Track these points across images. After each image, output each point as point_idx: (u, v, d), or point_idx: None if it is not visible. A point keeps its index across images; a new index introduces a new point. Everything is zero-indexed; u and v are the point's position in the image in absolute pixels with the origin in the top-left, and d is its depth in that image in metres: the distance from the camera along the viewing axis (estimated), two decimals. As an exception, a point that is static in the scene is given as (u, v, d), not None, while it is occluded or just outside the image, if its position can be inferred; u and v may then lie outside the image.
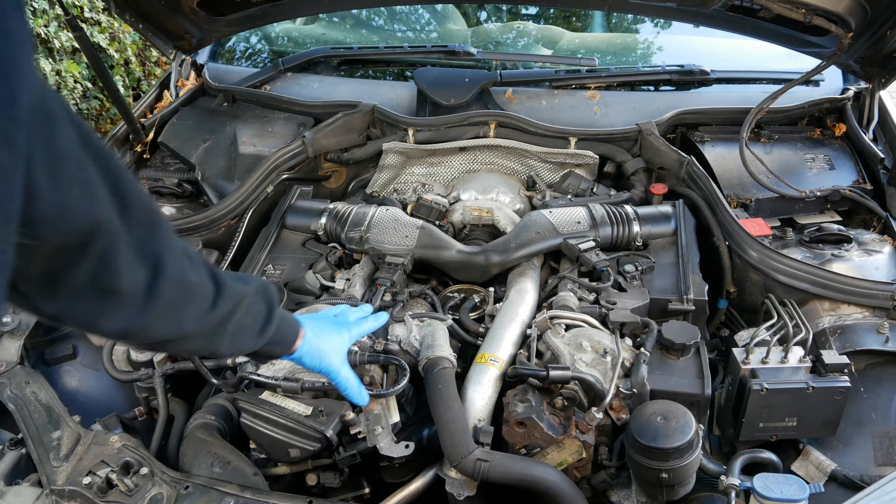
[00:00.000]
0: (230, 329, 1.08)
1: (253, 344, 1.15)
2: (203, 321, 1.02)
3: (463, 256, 1.78)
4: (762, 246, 1.74)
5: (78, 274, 0.82)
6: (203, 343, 1.07)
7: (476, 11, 3.08)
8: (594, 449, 1.38)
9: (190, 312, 0.99)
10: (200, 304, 1.01)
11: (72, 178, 0.75)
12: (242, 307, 1.08)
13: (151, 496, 1.32)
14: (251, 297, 1.11)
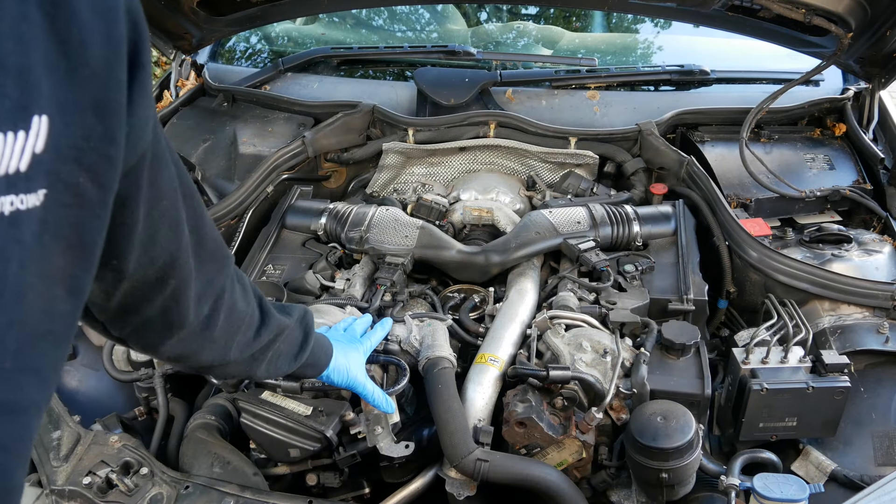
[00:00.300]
0: (268, 356, 1.12)
1: (287, 368, 1.19)
2: (246, 349, 1.07)
3: (463, 256, 1.78)
4: (762, 246, 1.74)
5: (150, 308, 0.86)
6: (242, 368, 1.11)
7: (476, 11, 3.08)
8: (594, 449, 1.38)
9: (236, 341, 1.04)
10: (246, 333, 1.06)
11: (164, 216, 0.78)
12: (283, 336, 1.13)
13: (151, 496, 1.32)
14: (291, 326, 1.15)
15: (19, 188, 0.54)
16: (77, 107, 0.57)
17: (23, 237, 0.55)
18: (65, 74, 0.56)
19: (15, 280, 0.56)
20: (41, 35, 0.54)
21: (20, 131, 0.53)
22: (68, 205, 0.59)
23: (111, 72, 0.60)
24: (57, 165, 0.57)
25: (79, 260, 0.63)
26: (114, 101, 0.60)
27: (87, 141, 0.59)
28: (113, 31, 0.60)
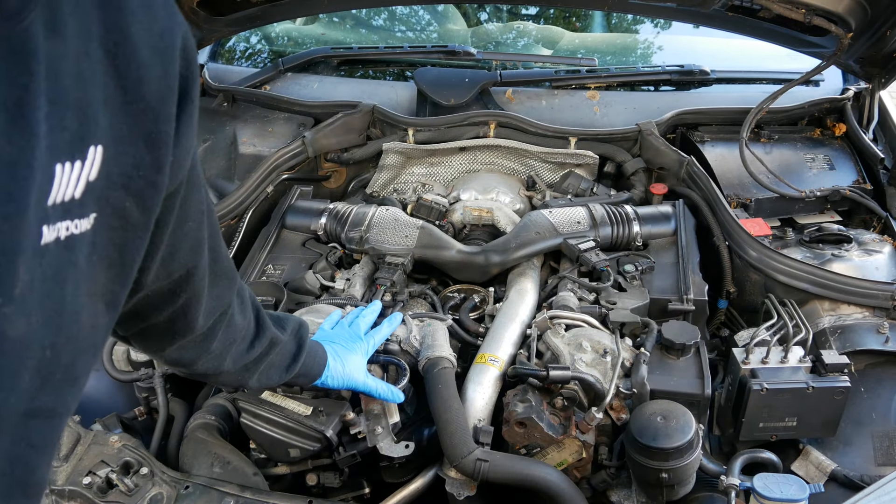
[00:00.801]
0: (261, 368, 1.15)
1: (278, 380, 1.21)
2: (239, 360, 1.09)
3: (463, 256, 1.78)
4: (762, 246, 1.74)
5: (159, 316, 0.89)
6: (235, 378, 1.14)
7: (476, 11, 3.08)
8: (594, 449, 1.38)
9: (231, 352, 1.06)
10: (240, 345, 1.08)
11: (187, 236, 0.80)
12: (276, 349, 1.15)
13: (151, 496, 1.32)
14: (285, 340, 1.17)
15: (74, 214, 0.57)
16: (130, 138, 0.61)
17: (77, 260, 0.59)
18: (120, 107, 0.59)
19: (71, 300, 0.59)
20: (101, 70, 0.57)
21: (77, 161, 0.55)
22: (115, 227, 0.62)
23: (164, 106, 0.63)
24: (107, 191, 0.60)
25: (119, 277, 0.66)
26: (164, 134, 0.64)
27: (136, 169, 0.62)
28: (169, 69, 0.63)
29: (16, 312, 0.53)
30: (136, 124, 0.61)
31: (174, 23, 0.64)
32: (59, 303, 0.58)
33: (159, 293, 0.85)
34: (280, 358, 1.17)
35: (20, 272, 0.53)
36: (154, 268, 0.78)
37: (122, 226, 0.63)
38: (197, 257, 0.85)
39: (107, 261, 0.63)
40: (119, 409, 1.64)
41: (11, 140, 0.50)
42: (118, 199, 0.61)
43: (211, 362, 1.05)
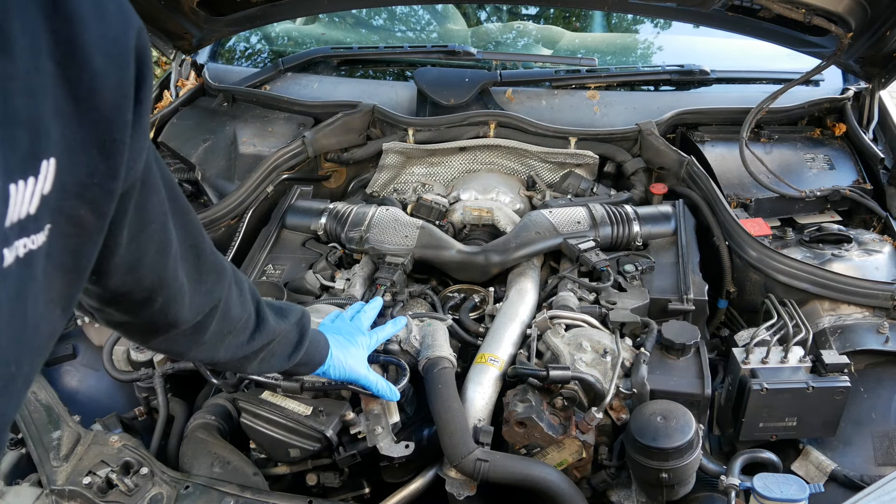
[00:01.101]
0: (261, 356, 1.14)
1: (280, 367, 1.20)
2: (237, 351, 1.09)
3: (463, 256, 1.78)
4: (762, 246, 1.74)
5: (137, 318, 0.90)
6: (233, 366, 1.15)
7: (476, 11, 3.08)
8: (594, 449, 1.38)
9: (226, 343, 1.06)
10: (239, 336, 1.07)
11: (151, 240, 0.80)
12: (277, 340, 1.15)
13: (151, 496, 1.32)
14: (287, 330, 1.17)
15: (30, 230, 0.57)
16: (84, 147, 0.60)
17: (36, 274, 0.59)
18: (73, 117, 0.58)
19: (32, 314, 0.60)
20: (51, 83, 0.56)
21: (30, 177, 0.55)
22: (69, 235, 0.62)
23: (119, 115, 0.62)
24: (61, 201, 0.59)
25: (74, 282, 0.66)
26: (119, 142, 0.63)
27: (91, 178, 0.62)
28: (124, 76, 0.62)
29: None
30: (90, 133, 0.60)
31: (128, 25, 0.62)
32: (23, 319, 0.59)
33: (133, 300, 0.85)
34: (281, 347, 1.17)
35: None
36: (118, 274, 0.77)
37: (77, 232, 0.63)
38: (165, 261, 0.84)
39: (62, 268, 0.63)
40: (119, 409, 1.64)
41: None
42: (73, 207, 0.61)
43: (203, 353, 1.05)
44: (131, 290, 0.82)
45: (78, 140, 0.59)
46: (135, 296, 0.84)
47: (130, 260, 0.77)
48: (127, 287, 0.81)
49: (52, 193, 0.57)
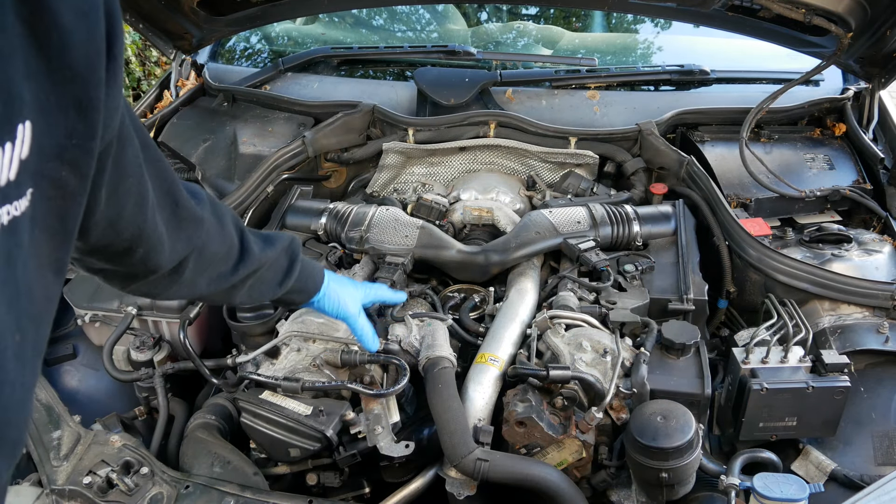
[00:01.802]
0: (248, 284, 1.12)
1: (271, 295, 1.19)
2: (220, 283, 1.08)
3: (463, 256, 1.78)
4: (762, 246, 1.74)
5: (118, 266, 0.90)
6: (217, 297, 1.13)
7: (476, 11, 3.08)
8: (594, 449, 1.38)
9: (205, 276, 1.05)
10: (219, 268, 1.06)
11: (129, 193, 0.79)
12: (264, 268, 1.13)
13: (151, 496, 1.32)
14: (274, 257, 1.15)
15: (11, 196, 0.55)
16: (59, 107, 0.58)
17: (21, 240, 0.58)
18: (45, 77, 0.57)
19: (23, 280, 0.59)
20: (19, 43, 0.54)
21: (6, 143, 0.53)
22: (52, 197, 0.61)
23: (93, 72, 0.61)
24: (41, 164, 0.58)
25: (62, 244, 0.66)
26: (95, 99, 0.62)
27: (69, 139, 0.60)
28: (94, 31, 0.60)
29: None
30: (65, 93, 0.59)
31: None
32: (15, 287, 0.58)
33: (113, 252, 0.84)
34: (271, 273, 1.15)
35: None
36: (98, 229, 0.77)
37: (60, 195, 0.62)
38: (144, 213, 0.84)
39: (48, 231, 0.62)
40: (119, 409, 1.64)
41: None
42: (53, 169, 0.60)
43: (183, 290, 1.04)
44: (111, 242, 0.82)
45: (53, 101, 0.58)
46: (115, 247, 0.84)
47: (110, 215, 0.77)
48: (107, 240, 0.81)
49: (30, 157, 0.56)
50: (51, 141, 0.58)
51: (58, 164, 0.60)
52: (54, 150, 0.59)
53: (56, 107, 0.58)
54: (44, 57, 0.56)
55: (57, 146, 0.59)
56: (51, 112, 0.58)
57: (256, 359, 1.52)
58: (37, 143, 0.57)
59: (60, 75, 0.58)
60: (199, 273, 1.03)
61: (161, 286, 1.00)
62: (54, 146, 0.59)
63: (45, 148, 0.58)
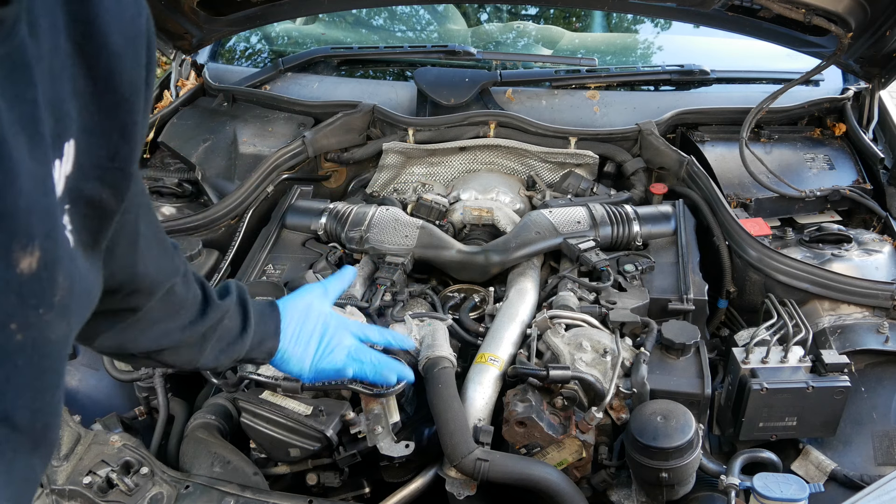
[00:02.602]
0: (216, 335, 1.06)
1: (239, 349, 1.10)
2: (192, 331, 1.02)
3: (463, 256, 1.78)
4: (762, 246, 1.74)
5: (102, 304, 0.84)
6: (188, 353, 1.05)
7: (476, 11, 3.09)
8: (594, 448, 1.38)
9: (178, 322, 0.99)
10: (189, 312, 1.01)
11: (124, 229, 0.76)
12: (227, 316, 1.07)
13: (152, 496, 1.32)
14: (231, 305, 1.09)
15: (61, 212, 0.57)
16: (104, 130, 0.60)
17: (74, 256, 0.60)
18: (91, 99, 0.58)
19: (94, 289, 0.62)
20: (70, 63, 0.55)
21: (56, 160, 0.55)
22: (88, 216, 0.62)
23: (137, 97, 0.62)
24: (80, 183, 0.59)
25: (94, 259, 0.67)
26: (139, 124, 0.63)
27: (112, 161, 0.61)
28: (139, 57, 0.62)
29: (56, 318, 0.56)
30: (111, 116, 0.60)
31: (142, 6, 0.62)
32: (88, 297, 0.61)
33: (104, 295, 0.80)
34: (232, 322, 1.08)
35: (59, 281, 0.55)
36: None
37: (98, 214, 0.63)
38: (135, 253, 0.82)
39: (83, 246, 0.63)
40: (119, 409, 1.64)
41: (36, 157, 0.50)
42: (93, 190, 0.61)
43: (155, 336, 0.98)
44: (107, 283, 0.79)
45: (97, 122, 0.59)
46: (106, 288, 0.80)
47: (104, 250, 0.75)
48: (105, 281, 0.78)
49: (71, 175, 0.57)
50: (90, 161, 0.59)
51: (98, 185, 0.61)
52: (95, 172, 0.60)
53: (101, 129, 0.59)
54: (91, 78, 0.57)
55: (98, 168, 0.60)
56: (94, 133, 0.59)
57: (256, 359, 1.52)
58: (77, 162, 0.58)
59: (108, 99, 0.59)
60: (171, 316, 0.98)
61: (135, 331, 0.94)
62: (95, 167, 0.60)
63: (85, 167, 0.59)
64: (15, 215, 0.49)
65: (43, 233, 0.52)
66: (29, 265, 0.51)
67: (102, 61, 0.58)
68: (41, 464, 0.62)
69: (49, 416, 0.60)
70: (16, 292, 0.51)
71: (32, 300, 0.53)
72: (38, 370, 0.56)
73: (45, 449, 0.62)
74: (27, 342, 0.54)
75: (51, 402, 0.59)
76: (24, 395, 0.56)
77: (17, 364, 0.54)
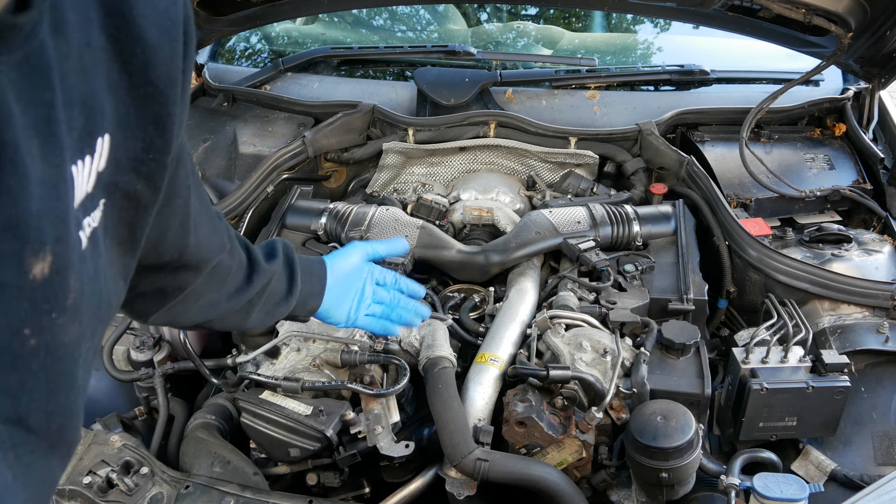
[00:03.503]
0: (263, 299, 1.07)
1: (284, 308, 1.12)
2: (238, 299, 1.03)
3: (463, 256, 1.78)
4: (762, 246, 1.74)
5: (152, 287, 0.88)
6: (236, 318, 1.07)
7: (476, 11, 3.09)
8: (594, 448, 1.38)
9: (224, 292, 1.00)
10: (236, 280, 1.01)
11: (175, 214, 0.78)
12: (274, 279, 1.08)
13: (152, 496, 1.32)
14: (279, 268, 1.10)
15: (89, 208, 0.57)
16: (139, 122, 0.59)
17: (100, 251, 0.59)
18: (126, 92, 0.58)
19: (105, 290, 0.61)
20: (104, 58, 0.55)
21: (87, 156, 0.55)
22: (124, 208, 0.62)
23: (172, 88, 0.62)
24: (116, 177, 0.59)
25: (129, 251, 0.66)
26: (174, 115, 0.63)
27: (147, 153, 0.61)
28: (175, 48, 0.61)
29: (68, 321, 0.56)
30: (146, 108, 0.59)
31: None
32: (98, 297, 0.60)
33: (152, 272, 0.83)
34: (279, 284, 1.10)
35: (71, 284, 0.54)
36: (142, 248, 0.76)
37: (133, 206, 0.63)
38: (186, 236, 0.82)
39: (117, 240, 0.63)
40: (119, 409, 1.64)
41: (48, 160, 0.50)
42: (129, 182, 0.61)
43: (203, 309, 0.99)
44: (153, 262, 0.81)
45: (133, 115, 0.58)
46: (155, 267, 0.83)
47: (155, 234, 0.76)
48: (148, 261, 0.80)
49: (106, 169, 0.57)
50: (127, 154, 0.59)
51: (134, 177, 0.61)
52: (131, 164, 0.60)
53: (136, 122, 0.59)
54: (126, 72, 0.57)
55: (134, 160, 0.60)
56: (130, 126, 0.59)
57: (256, 359, 1.52)
58: (113, 156, 0.57)
59: (143, 91, 0.59)
60: (217, 287, 0.99)
61: (184, 306, 0.96)
62: (131, 159, 0.60)
63: (120, 161, 0.59)
64: (27, 221, 0.49)
65: (54, 237, 0.52)
66: (41, 270, 0.51)
67: (138, 54, 0.57)
68: (60, 465, 0.63)
69: (64, 418, 0.60)
70: (29, 298, 0.51)
71: (45, 305, 0.53)
72: (52, 373, 0.56)
73: (63, 449, 0.62)
74: (41, 347, 0.54)
75: (65, 403, 0.59)
76: (38, 399, 0.56)
77: (31, 368, 0.54)
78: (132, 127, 0.59)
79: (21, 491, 0.55)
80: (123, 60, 0.57)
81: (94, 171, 0.56)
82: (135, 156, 0.60)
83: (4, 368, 0.52)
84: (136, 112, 0.59)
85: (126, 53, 0.57)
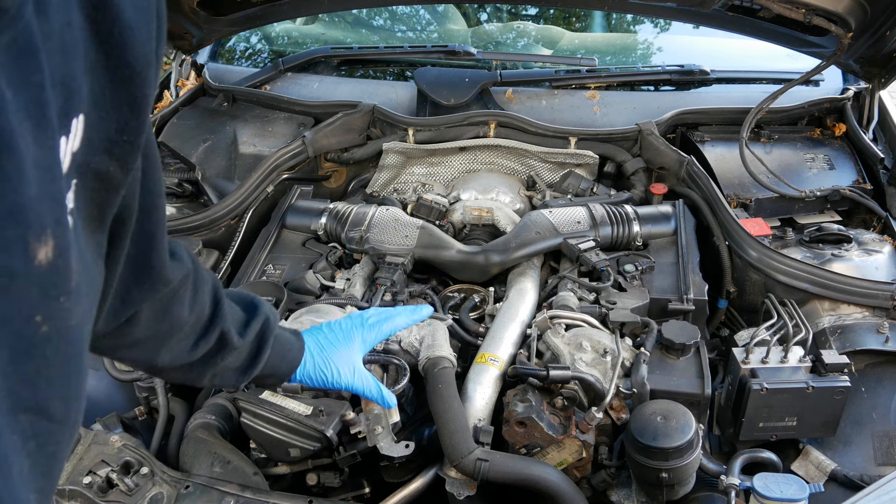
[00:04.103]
0: (212, 370, 1.06)
1: (235, 381, 1.12)
2: (179, 358, 1.00)
3: (463, 256, 1.78)
4: (762, 246, 1.74)
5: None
6: (180, 375, 1.06)
7: (476, 11, 3.09)
8: (594, 449, 1.38)
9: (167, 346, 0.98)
10: (182, 343, 0.99)
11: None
12: (228, 352, 1.06)
13: (152, 496, 1.32)
14: (242, 346, 1.08)
15: (65, 189, 0.56)
16: (113, 103, 0.59)
17: (78, 232, 0.59)
18: (103, 73, 0.57)
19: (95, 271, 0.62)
20: (82, 37, 0.54)
21: (62, 137, 0.54)
22: (95, 189, 0.61)
23: (149, 69, 0.61)
24: (88, 157, 0.58)
25: (99, 228, 0.66)
26: (148, 97, 0.62)
27: (121, 134, 0.60)
28: (151, 30, 0.61)
29: (74, 303, 0.56)
30: (121, 89, 0.59)
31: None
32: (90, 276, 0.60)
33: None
34: (235, 360, 1.08)
35: (73, 265, 0.55)
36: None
37: (104, 187, 0.62)
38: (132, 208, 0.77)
39: (87, 219, 0.63)
40: (119, 409, 1.64)
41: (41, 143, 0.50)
42: (101, 163, 0.60)
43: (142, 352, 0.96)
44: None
45: (108, 96, 0.58)
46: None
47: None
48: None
49: (79, 150, 0.56)
50: (100, 135, 0.59)
51: (106, 157, 0.60)
52: (104, 145, 0.60)
53: (111, 103, 0.58)
54: (104, 52, 0.56)
55: (107, 141, 0.60)
56: (105, 107, 0.58)
57: (256, 359, 1.52)
58: (87, 137, 0.57)
59: (119, 72, 0.58)
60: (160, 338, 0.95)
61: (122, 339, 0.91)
62: (104, 140, 0.59)
63: (94, 141, 0.58)
64: (28, 206, 0.49)
65: (54, 220, 0.52)
66: (46, 255, 0.51)
67: (115, 34, 0.57)
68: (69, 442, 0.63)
69: (78, 401, 0.61)
70: (37, 284, 0.51)
71: (53, 290, 0.53)
72: (65, 357, 0.57)
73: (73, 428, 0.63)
74: (52, 332, 0.54)
75: (77, 386, 0.60)
76: (55, 385, 0.56)
77: (46, 355, 0.54)
78: (107, 108, 0.58)
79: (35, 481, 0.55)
80: (101, 41, 0.56)
81: (68, 151, 0.55)
82: (108, 137, 0.59)
83: (21, 357, 0.52)
84: (112, 93, 0.58)
85: (104, 34, 0.56)
